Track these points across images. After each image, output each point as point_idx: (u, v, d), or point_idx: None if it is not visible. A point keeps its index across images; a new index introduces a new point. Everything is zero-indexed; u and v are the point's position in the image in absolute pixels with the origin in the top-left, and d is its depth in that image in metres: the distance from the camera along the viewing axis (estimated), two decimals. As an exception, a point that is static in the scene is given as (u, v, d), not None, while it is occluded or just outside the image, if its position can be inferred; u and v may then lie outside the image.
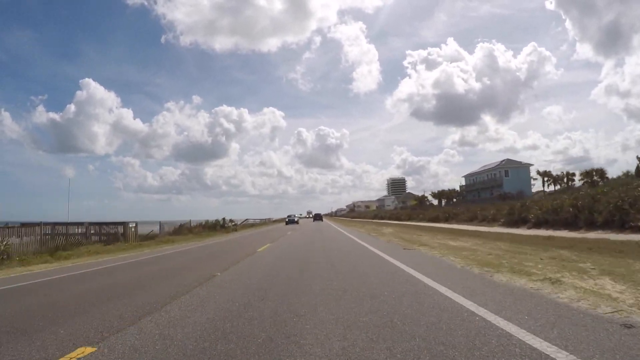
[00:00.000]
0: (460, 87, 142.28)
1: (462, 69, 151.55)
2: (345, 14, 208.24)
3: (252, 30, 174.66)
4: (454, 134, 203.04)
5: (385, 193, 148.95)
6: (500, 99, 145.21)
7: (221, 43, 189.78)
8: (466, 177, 72.71)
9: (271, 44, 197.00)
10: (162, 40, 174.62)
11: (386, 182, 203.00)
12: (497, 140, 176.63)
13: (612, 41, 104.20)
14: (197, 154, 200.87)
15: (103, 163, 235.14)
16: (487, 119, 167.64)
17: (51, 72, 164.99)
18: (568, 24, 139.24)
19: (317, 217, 67.68)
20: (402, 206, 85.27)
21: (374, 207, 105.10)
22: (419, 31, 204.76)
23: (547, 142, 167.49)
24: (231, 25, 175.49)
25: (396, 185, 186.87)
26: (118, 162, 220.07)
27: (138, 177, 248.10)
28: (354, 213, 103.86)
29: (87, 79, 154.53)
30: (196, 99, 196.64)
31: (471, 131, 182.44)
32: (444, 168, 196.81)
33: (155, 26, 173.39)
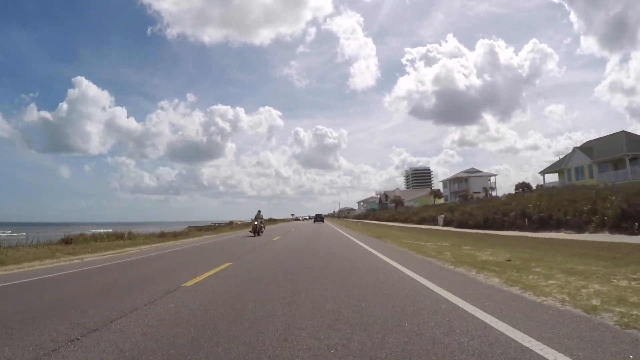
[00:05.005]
0: (460, 83, 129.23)
1: (462, 65, 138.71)
2: (341, 4, 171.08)
3: (243, 20, 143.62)
4: (454, 133, 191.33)
5: (376, 192, 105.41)
6: (501, 96, 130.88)
7: (211, 35, 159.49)
8: None
9: (264, 35, 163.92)
10: (149, 32, 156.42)
11: (405, 174, 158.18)
12: (498, 140, 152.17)
13: (618, 34, 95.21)
14: (193, 153, 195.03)
15: (98, 163, 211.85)
16: (488, 117, 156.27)
17: (42, 70, 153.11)
18: (573, 16, 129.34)
19: (318, 219, 58.51)
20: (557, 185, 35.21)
21: (432, 200, 57.45)
22: (417, 30, 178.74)
23: (549, 142, 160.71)
24: (221, 15, 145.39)
25: (419, 177, 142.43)
26: (113, 162, 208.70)
27: (134, 178, 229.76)
28: (385, 213, 56.49)
29: (79, 77, 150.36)
30: (190, 97, 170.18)
31: (471, 130, 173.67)
32: (443, 169, 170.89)
33: (142, 18, 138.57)
